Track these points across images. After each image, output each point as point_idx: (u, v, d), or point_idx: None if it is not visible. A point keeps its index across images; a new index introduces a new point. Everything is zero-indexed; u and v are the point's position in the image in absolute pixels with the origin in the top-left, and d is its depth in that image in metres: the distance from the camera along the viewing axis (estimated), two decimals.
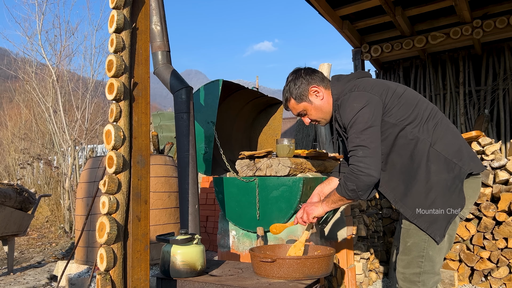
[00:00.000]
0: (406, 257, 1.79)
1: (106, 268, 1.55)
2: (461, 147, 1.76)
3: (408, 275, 1.77)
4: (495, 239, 3.32)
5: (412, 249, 1.77)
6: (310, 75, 1.92)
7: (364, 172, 1.66)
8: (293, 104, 1.95)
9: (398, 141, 1.75)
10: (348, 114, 1.74)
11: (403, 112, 1.75)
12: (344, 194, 1.75)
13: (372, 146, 1.68)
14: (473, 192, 1.79)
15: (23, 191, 4.55)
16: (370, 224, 3.69)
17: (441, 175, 1.70)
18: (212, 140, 3.16)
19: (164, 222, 3.55)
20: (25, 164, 9.51)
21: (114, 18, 1.59)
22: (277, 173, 2.53)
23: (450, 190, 1.70)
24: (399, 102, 1.77)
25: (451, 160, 1.71)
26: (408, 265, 1.78)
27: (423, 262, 1.74)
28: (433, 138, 1.74)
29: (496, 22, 5.65)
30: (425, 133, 1.74)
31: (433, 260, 1.74)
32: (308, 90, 1.90)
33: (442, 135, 1.75)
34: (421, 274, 1.75)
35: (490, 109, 6.78)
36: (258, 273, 1.91)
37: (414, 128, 1.74)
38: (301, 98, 1.91)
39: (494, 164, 3.41)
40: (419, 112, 1.77)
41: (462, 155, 1.74)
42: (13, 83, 11.09)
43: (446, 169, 1.71)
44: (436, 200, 1.70)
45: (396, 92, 1.79)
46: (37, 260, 5.17)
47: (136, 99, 1.67)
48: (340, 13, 5.91)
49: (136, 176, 1.64)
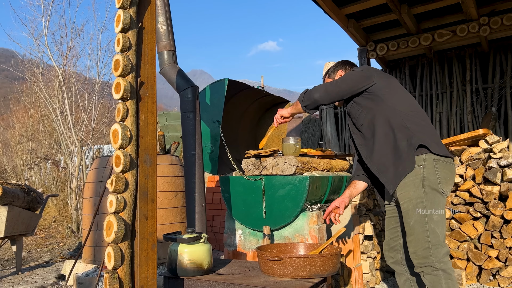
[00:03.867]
0: (413, 236, 1.95)
1: (113, 267, 1.56)
2: (426, 130, 2.01)
3: (419, 252, 1.92)
4: (503, 238, 3.29)
5: (415, 227, 1.93)
6: (344, 65, 2.41)
7: (319, 92, 2.14)
8: (325, 78, 2.45)
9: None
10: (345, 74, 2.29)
11: (389, 91, 2.11)
12: (300, 97, 2.17)
13: (341, 88, 2.15)
14: (451, 175, 2.02)
15: (31, 191, 4.58)
16: (376, 223, 3.67)
17: (402, 142, 1.98)
18: (218, 139, 3.16)
19: (170, 221, 3.56)
20: (33, 165, 9.58)
21: (121, 17, 1.59)
22: (283, 172, 2.53)
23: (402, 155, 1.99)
24: (389, 83, 2.15)
25: (413, 134, 1.98)
26: (416, 243, 1.93)
27: (428, 236, 1.91)
28: (407, 117, 2.03)
29: (503, 19, 5.59)
30: (401, 111, 2.04)
31: (435, 232, 1.91)
32: (336, 72, 2.39)
33: (416, 119, 2.03)
34: (430, 248, 1.90)
35: (498, 107, 6.72)
36: (265, 272, 1.91)
37: (393, 104, 2.05)
38: (329, 76, 2.41)
39: (502, 162, 3.38)
40: (403, 98, 2.09)
41: (425, 135, 1.99)
42: (20, 85, 11.18)
43: (405, 138, 1.99)
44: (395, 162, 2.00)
45: (390, 79, 2.19)
46: (45, 259, 5.21)
47: (143, 99, 1.68)
48: (345, 12, 5.88)
49: (143, 175, 1.65)
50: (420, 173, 1.95)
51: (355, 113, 2.15)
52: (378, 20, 6.15)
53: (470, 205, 3.49)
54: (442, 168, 1.97)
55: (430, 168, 1.95)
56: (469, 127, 6.80)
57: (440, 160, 1.97)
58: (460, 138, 3.62)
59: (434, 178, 1.95)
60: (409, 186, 1.96)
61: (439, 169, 1.96)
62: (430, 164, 1.95)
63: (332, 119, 6.69)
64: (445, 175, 1.97)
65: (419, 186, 1.94)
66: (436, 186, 1.95)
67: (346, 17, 6.06)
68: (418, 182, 1.95)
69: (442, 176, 1.96)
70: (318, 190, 2.63)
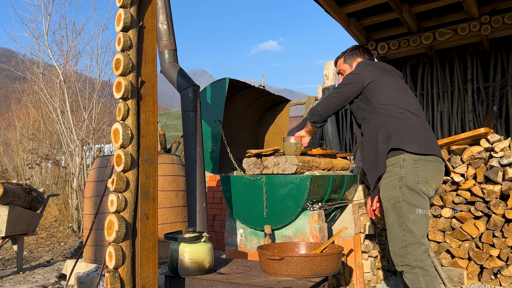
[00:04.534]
0: (391, 235, 2.02)
1: (115, 266, 1.56)
2: (414, 132, 2.02)
3: (397, 250, 1.98)
4: (504, 237, 3.29)
5: (393, 226, 2.00)
6: (363, 52, 2.47)
7: (321, 106, 2.35)
8: (340, 62, 2.50)
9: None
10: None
11: (382, 93, 2.15)
12: (308, 114, 2.31)
13: (339, 97, 2.28)
14: (435, 174, 2.02)
15: (32, 190, 4.58)
16: (378, 222, 3.67)
17: (381, 144, 2.03)
18: (219, 139, 3.16)
19: (171, 220, 3.56)
20: (34, 164, 9.59)
21: (121, 16, 1.59)
22: (284, 171, 2.52)
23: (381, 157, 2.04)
24: (381, 84, 2.19)
25: (390, 133, 2.02)
26: (395, 242, 2.00)
27: (405, 235, 1.96)
28: (392, 119, 2.06)
29: (505, 18, 5.57)
30: (389, 113, 2.09)
31: (412, 231, 1.95)
32: (354, 58, 2.45)
33: (399, 121, 2.05)
34: (407, 246, 1.95)
35: (499, 106, 6.71)
36: (266, 271, 1.91)
37: (384, 106, 2.10)
38: (346, 61, 2.47)
39: (503, 161, 3.37)
40: (395, 98, 2.12)
41: (403, 135, 2.01)
42: (21, 84, 11.19)
43: (384, 139, 2.03)
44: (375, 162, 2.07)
45: (384, 77, 2.22)
46: (46, 259, 5.21)
47: (144, 98, 1.68)
48: (346, 11, 5.87)
49: (144, 174, 1.64)
50: (398, 173, 1.98)
51: (355, 112, 2.26)
52: (379, 19, 6.14)
53: (471, 204, 3.49)
54: (422, 168, 1.98)
55: (409, 168, 1.97)
56: (470, 126, 6.79)
57: (421, 159, 1.98)
58: (461, 137, 3.61)
59: (412, 178, 1.96)
60: (388, 186, 2.01)
61: (419, 168, 1.97)
62: (409, 164, 1.97)
63: (333, 118, 6.68)
64: (425, 175, 1.98)
65: (396, 186, 1.98)
66: (414, 186, 1.96)
67: (347, 16, 6.06)
68: (396, 182, 1.98)
69: (421, 176, 1.97)
70: (319, 189, 2.63)
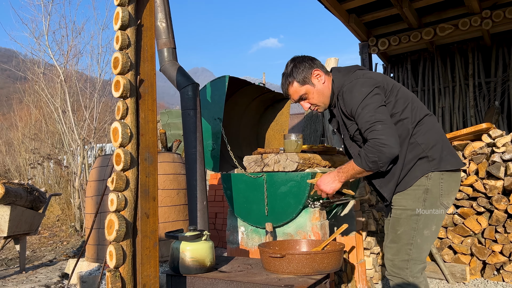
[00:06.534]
0: (396, 245, 1.89)
1: (115, 265, 1.56)
2: (438, 143, 1.87)
3: (397, 261, 1.88)
4: (507, 232, 3.28)
5: (402, 237, 1.87)
6: (311, 60, 2.02)
7: (386, 144, 1.71)
8: (296, 87, 1.99)
9: None
10: (357, 97, 1.81)
11: (398, 106, 1.87)
12: (365, 166, 1.78)
13: (389, 121, 1.76)
14: (456, 185, 1.91)
15: (34, 190, 4.59)
16: (379, 218, 3.66)
17: (412, 163, 1.86)
18: (220, 137, 3.15)
19: (173, 219, 3.56)
20: (36, 164, 9.61)
21: (119, 15, 1.58)
22: (285, 169, 2.52)
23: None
24: (396, 95, 1.88)
25: (425, 153, 1.85)
26: (397, 252, 1.88)
27: (411, 250, 1.85)
28: (416, 130, 1.87)
29: (506, 12, 5.55)
30: (413, 126, 1.87)
31: (421, 248, 1.85)
32: (311, 73, 1.97)
33: (425, 130, 1.87)
34: (409, 261, 1.85)
35: (501, 101, 6.68)
36: (267, 269, 1.91)
37: (407, 120, 1.86)
38: (304, 81, 1.97)
39: (505, 157, 3.36)
40: (411, 108, 1.89)
41: (438, 151, 1.86)
42: (22, 84, 11.21)
43: (417, 157, 1.86)
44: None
45: (394, 86, 1.91)
46: (49, 258, 5.22)
47: (143, 96, 1.67)
48: (346, 7, 5.85)
49: (144, 173, 1.64)
50: (425, 184, 1.85)
51: (348, 124, 1.95)
52: (379, 14, 6.12)
53: (473, 200, 3.48)
54: (447, 178, 1.86)
55: (436, 180, 1.85)
56: (471, 122, 6.77)
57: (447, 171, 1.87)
58: (463, 133, 3.60)
59: (436, 191, 1.85)
60: (409, 195, 1.87)
61: (444, 179, 1.86)
62: (436, 175, 1.85)
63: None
64: (448, 187, 1.87)
65: (420, 198, 1.85)
66: (436, 200, 1.85)
67: (347, 12, 6.03)
68: (420, 194, 1.85)
69: (445, 188, 1.86)
70: None
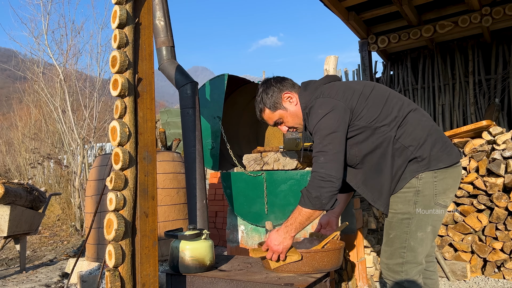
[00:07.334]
0: (389, 248, 1.84)
1: (114, 265, 1.55)
2: (426, 141, 1.75)
3: (391, 265, 1.83)
4: (507, 230, 3.27)
5: (394, 241, 1.82)
6: (280, 82, 1.93)
7: (325, 179, 1.64)
8: (268, 114, 1.94)
9: (370, 141, 1.76)
10: (313, 120, 1.74)
11: (372, 113, 1.75)
12: (309, 205, 1.68)
13: (333, 152, 1.67)
14: (454, 182, 1.80)
15: (33, 190, 4.59)
16: (380, 216, 3.65)
17: (402, 168, 1.76)
18: (219, 135, 3.15)
19: (173, 218, 3.55)
20: (36, 164, 9.62)
21: (117, 13, 1.58)
22: (285, 167, 2.51)
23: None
24: (367, 104, 1.76)
25: (413, 154, 1.74)
26: (391, 256, 1.83)
27: (405, 253, 1.79)
28: (399, 132, 1.74)
29: (506, 9, 5.53)
30: (394, 129, 1.75)
31: (415, 250, 1.79)
32: (281, 97, 1.91)
33: (410, 130, 1.75)
34: (403, 264, 1.80)
35: (501, 98, 6.67)
36: (267, 268, 1.90)
37: (385, 127, 1.74)
38: (275, 106, 1.91)
39: (506, 154, 3.35)
40: (388, 110, 1.76)
41: (427, 149, 1.74)
42: (22, 84, 11.20)
43: (407, 160, 1.75)
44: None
45: (363, 94, 1.79)
46: (49, 258, 5.22)
47: (141, 95, 1.66)
48: (345, 4, 5.84)
49: (142, 172, 1.63)
50: (415, 185, 1.75)
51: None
52: (378, 12, 6.10)
53: (474, 197, 3.47)
54: (441, 177, 1.75)
55: (428, 179, 1.74)
56: (472, 119, 6.76)
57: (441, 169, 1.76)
58: (463, 130, 3.59)
59: (429, 192, 1.74)
60: (400, 198, 1.78)
61: (438, 178, 1.74)
62: (428, 175, 1.74)
63: None
64: (444, 185, 1.75)
65: (410, 201, 1.76)
66: (430, 201, 1.75)
67: (346, 9, 6.02)
68: (411, 197, 1.76)
69: (440, 188, 1.75)
70: None
